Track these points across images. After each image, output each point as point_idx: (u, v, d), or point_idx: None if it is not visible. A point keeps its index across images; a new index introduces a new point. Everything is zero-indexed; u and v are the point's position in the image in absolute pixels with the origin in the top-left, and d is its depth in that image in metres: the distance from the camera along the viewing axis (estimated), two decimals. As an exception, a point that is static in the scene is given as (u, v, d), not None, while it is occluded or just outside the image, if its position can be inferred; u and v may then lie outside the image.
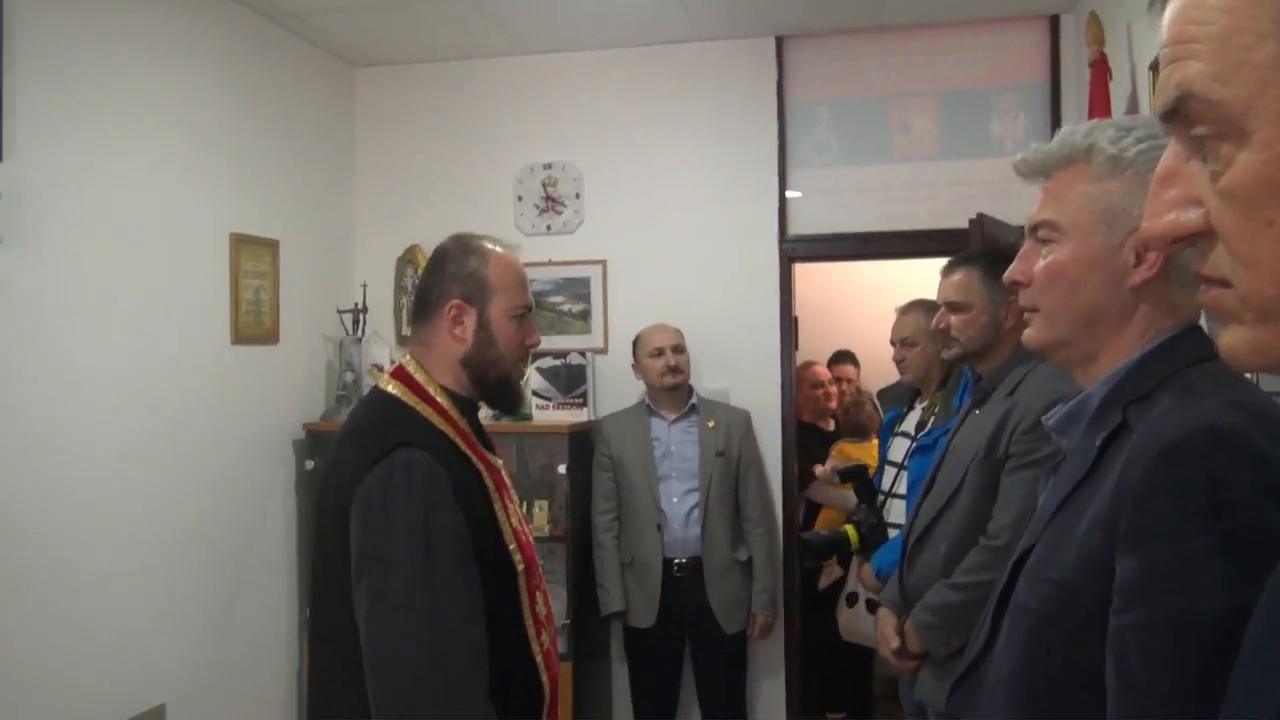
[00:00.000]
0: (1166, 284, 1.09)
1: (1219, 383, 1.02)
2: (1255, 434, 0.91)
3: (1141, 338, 1.10)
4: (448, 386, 1.72)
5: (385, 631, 1.54)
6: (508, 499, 1.74)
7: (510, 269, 1.77)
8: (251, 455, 3.61)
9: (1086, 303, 1.12)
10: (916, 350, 3.10)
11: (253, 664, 3.59)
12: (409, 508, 1.54)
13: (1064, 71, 3.81)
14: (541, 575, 1.80)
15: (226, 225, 3.48)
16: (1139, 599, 0.92)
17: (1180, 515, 0.90)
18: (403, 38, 4.01)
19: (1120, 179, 1.09)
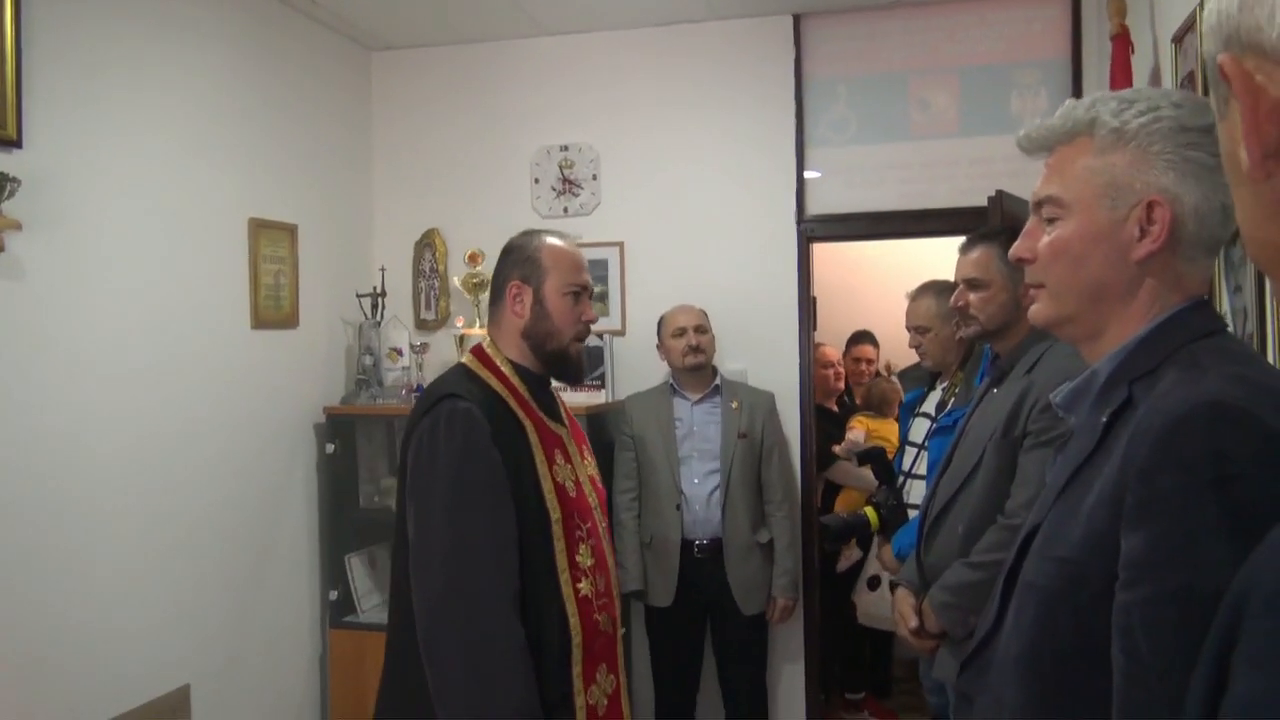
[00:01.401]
0: (1172, 257, 1.07)
1: (1225, 357, 1.00)
2: (1260, 408, 0.90)
3: (1148, 312, 1.08)
4: (514, 359, 2.00)
5: (425, 542, 1.81)
6: (560, 457, 1.97)
7: (563, 253, 2.02)
8: (272, 439, 3.64)
9: (1092, 277, 1.11)
10: (931, 335, 3.08)
11: (276, 646, 3.63)
12: (449, 446, 1.81)
13: (1085, 46, 3.75)
14: (596, 531, 2.00)
15: (245, 210, 3.50)
16: (1144, 574, 0.91)
17: (1185, 490, 0.90)
18: (418, 21, 4.01)
19: (1123, 152, 1.08)
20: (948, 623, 2.24)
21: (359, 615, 3.87)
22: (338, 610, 3.85)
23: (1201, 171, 1.04)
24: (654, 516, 3.63)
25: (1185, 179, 1.05)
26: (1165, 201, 1.05)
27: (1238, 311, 2.22)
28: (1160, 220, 1.06)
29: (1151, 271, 1.08)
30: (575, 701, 1.88)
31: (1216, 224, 1.06)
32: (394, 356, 4.03)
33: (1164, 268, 1.08)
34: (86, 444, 2.82)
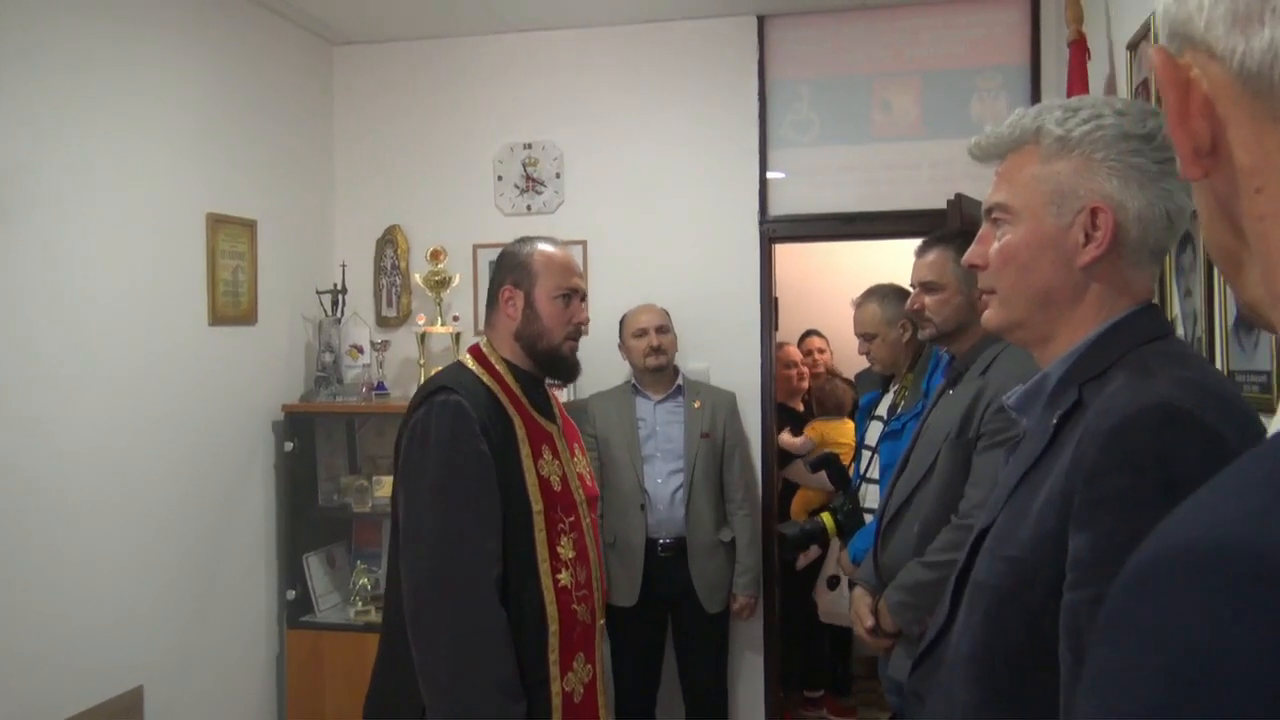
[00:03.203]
0: (1117, 262, 1.10)
1: (1172, 361, 1.03)
2: (1205, 411, 0.92)
3: (1096, 317, 1.11)
4: (508, 358, 2.12)
5: (413, 525, 1.92)
6: (549, 453, 2.07)
7: (553, 259, 2.13)
8: (230, 437, 3.59)
9: (1039, 283, 1.13)
10: (878, 341, 3.10)
11: (232, 646, 3.59)
12: (439, 435, 1.92)
13: (1044, 51, 3.80)
14: (580, 525, 2.09)
15: (203, 205, 3.46)
16: (1091, 574, 0.93)
17: (1131, 491, 0.91)
18: (381, 15, 3.98)
19: (1068, 159, 1.10)
20: (903, 621, 2.26)
21: (316, 615, 3.83)
22: (295, 610, 3.81)
23: (1144, 179, 1.07)
24: (618, 516, 3.63)
25: (1128, 186, 1.07)
26: (1108, 208, 1.07)
27: (1188, 315, 2.26)
28: (1104, 226, 1.08)
29: (1097, 277, 1.10)
30: (551, 688, 1.97)
31: (1160, 230, 1.08)
32: (354, 354, 4.00)
33: (1110, 273, 1.10)
34: (39, 442, 2.77)
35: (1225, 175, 0.52)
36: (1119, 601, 0.40)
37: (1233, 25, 0.49)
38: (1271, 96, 0.48)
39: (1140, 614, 0.39)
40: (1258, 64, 0.48)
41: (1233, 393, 1.03)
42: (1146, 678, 0.37)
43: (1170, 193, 1.07)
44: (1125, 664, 0.39)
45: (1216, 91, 0.51)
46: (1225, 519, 0.38)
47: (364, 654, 3.66)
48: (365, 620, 3.78)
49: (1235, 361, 1.95)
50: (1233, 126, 0.51)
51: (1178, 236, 1.12)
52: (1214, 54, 0.50)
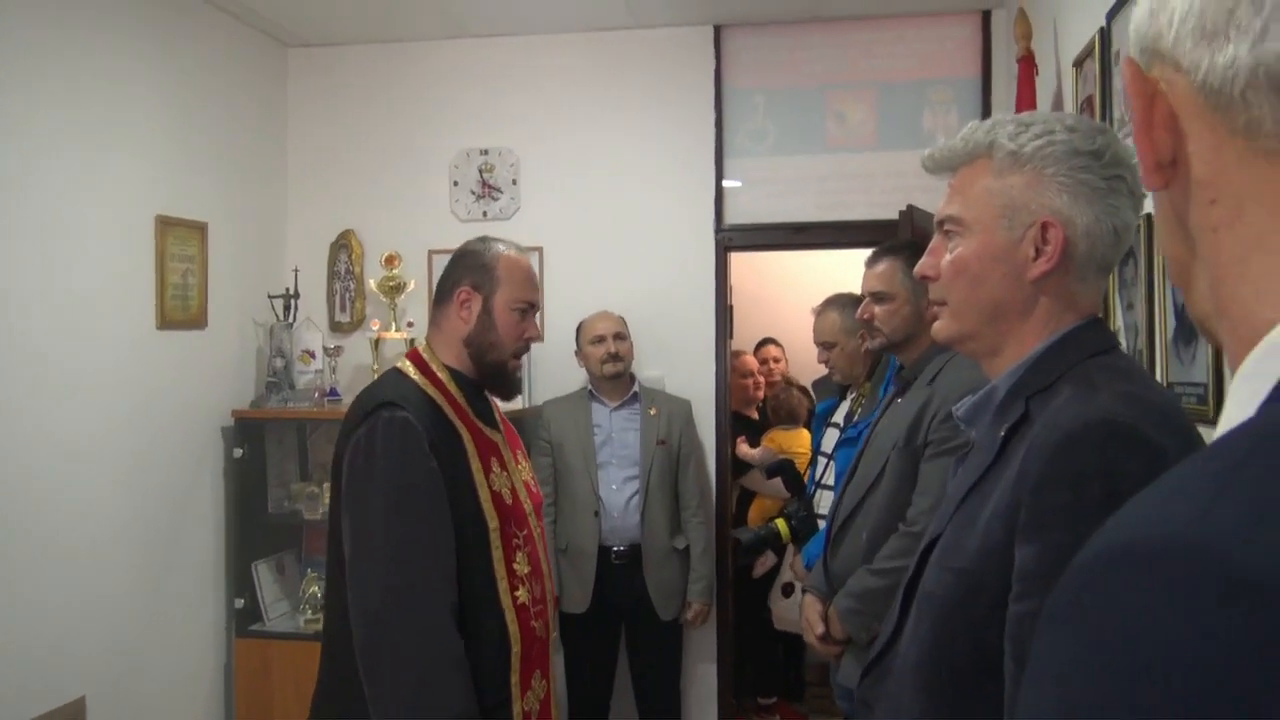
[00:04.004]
0: (1065, 277, 1.11)
1: (1116, 375, 1.04)
2: (1146, 425, 0.94)
3: (1044, 330, 1.12)
4: (450, 364, 1.99)
5: (362, 554, 1.80)
6: (496, 465, 1.97)
7: (518, 267, 2.02)
8: (178, 443, 3.54)
9: (990, 296, 1.14)
10: (837, 350, 3.13)
11: (178, 655, 3.53)
12: (386, 456, 1.80)
13: (995, 66, 3.86)
14: (531, 537, 2.01)
15: (152, 207, 3.40)
16: (1035, 586, 0.94)
17: (1076, 504, 0.93)
18: (337, 18, 3.95)
19: (1020, 174, 1.11)
20: (852, 628, 2.28)
21: (265, 624, 3.78)
22: (244, 619, 3.76)
23: (1093, 194, 1.08)
24: (571, 523, 3.63)
25: (1077, 201, 1.08)
26: (1058, 223, 1.09)
27: (1130, 328, 2.31)
28: (1054, 241, 1.09)
29: (1046, 290, 1.12)
30: (513, 709, 1.89)
31: (1108, 245, 1.10)
32: (306, 359, 3.96)
33: (1058, 287, 1.11)
34: (-24, 447, 2.71)
35: (1183, 186, 0.54)
36: (1062, 597, 0.41)
37: (1199, 41, 0.51)
38: (1231, 111, 0.50)
39: (1082, 608, 0.40)
40: (1220, 79, 0.50)
41: (1173, 406, 1.05)
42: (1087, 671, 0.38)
43: (1117, 209, 1.09)
44: (1066, 657, 0.39)
45: (1180, 105, 0.53)
46: (1168, 516, 0.39)
47: (314, 663, 3.58)
48: (315, 629, 3.73)
49: (1174, 373, 2.00)
50: (1193, 139, 0.53)
51: (1124, 252, 1.14)
52: (1180, 68, 0.52)
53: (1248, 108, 0.49)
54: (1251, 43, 0.48)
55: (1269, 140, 0.49)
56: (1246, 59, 0.49)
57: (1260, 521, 0.36)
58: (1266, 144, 0.49)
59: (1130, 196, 1.10)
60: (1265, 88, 0.48)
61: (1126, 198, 1.10)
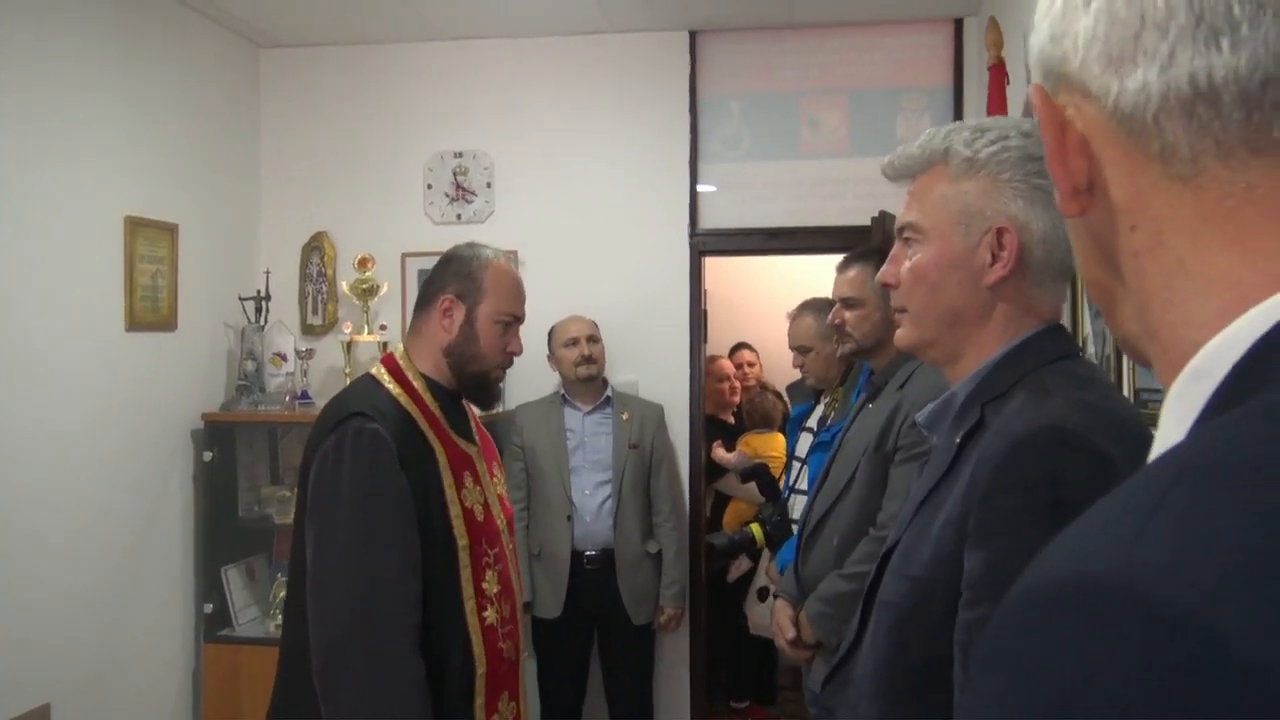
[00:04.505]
0: (1022, 283, 1.11)
1: (1071, 382, 1.04)
2: (1096, 433, 0.94)
3: (1003, 336, 1.12)
4: (428, 373, 1.92)
5: (324, 572, 1.75)
6: (470, 479, 1.91)
7: (506, 278, 1.95)
8: (147, 446, 3.50)
9: (948, 303, 1.14)
10: (813, 355, 3.13)
11: (146, 661, 3.49)
12: (355, 471, 1.73)
13: (967, 74, 3.90)
14: (503, 555, 1.95)
15: (121, 208, 3.37)
16: (982, 594, 0.94)
17: (1022, 512, 0.93)
18: (311, 19, 3.93)
19: (975, 180, 1.11)
20: (822, 633, 2.29)
21: (235, 629, 3.75)
22: (213, 624, 3.72)
23: (1049, 199, 1.07)
24: (543, 528, 3.62)
25: (1033, 206, 1.08)
26: (1013, 228, 1.09)
27: (1098, 334, 2.33)
28: (1009, 247, 1.09)
29: (1003, 297, 1.11)
30: None
31: (1065, 251, 1.09)
32: (278, 362, 3.93)
33: (1015, 293, 1.11)
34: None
35: (1102, 212, 0.53)
36: (993, 635, 0.41)
37: (1107, 66, 0.50)
38: (1145, 136, 0.49)
39: (1009, 648, 0.39)
40: (1131, 105, 0.49)
41: (1129, 415, 1.05)
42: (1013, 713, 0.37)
43: None
44: (994, 697, 0.39)
45: (1092, 130, 0.52)
46: (1094, 552, 0.39)
47: (283, 668, 3.61)
48: (285, 634, 3.71)
49: (1140, 379, 2.02)
50: (1108, 165, 0.52)
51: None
52: (1089, 94, 0.51)
53: (1161, 133, 0.49)
54: (1160, 67, 0.48)
55: (1184, 165, 0.48)
56: (1157, 84, 0.48)
57: (1184, 556, 0.36)
58: (1182, 169, 0.49)
59: None
60: (1177, 112, 0.48)
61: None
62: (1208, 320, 0.47)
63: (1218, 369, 0.45)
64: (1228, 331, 0.45)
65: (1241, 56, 0.46)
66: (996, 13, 3.31)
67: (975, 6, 3.79)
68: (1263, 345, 0.44)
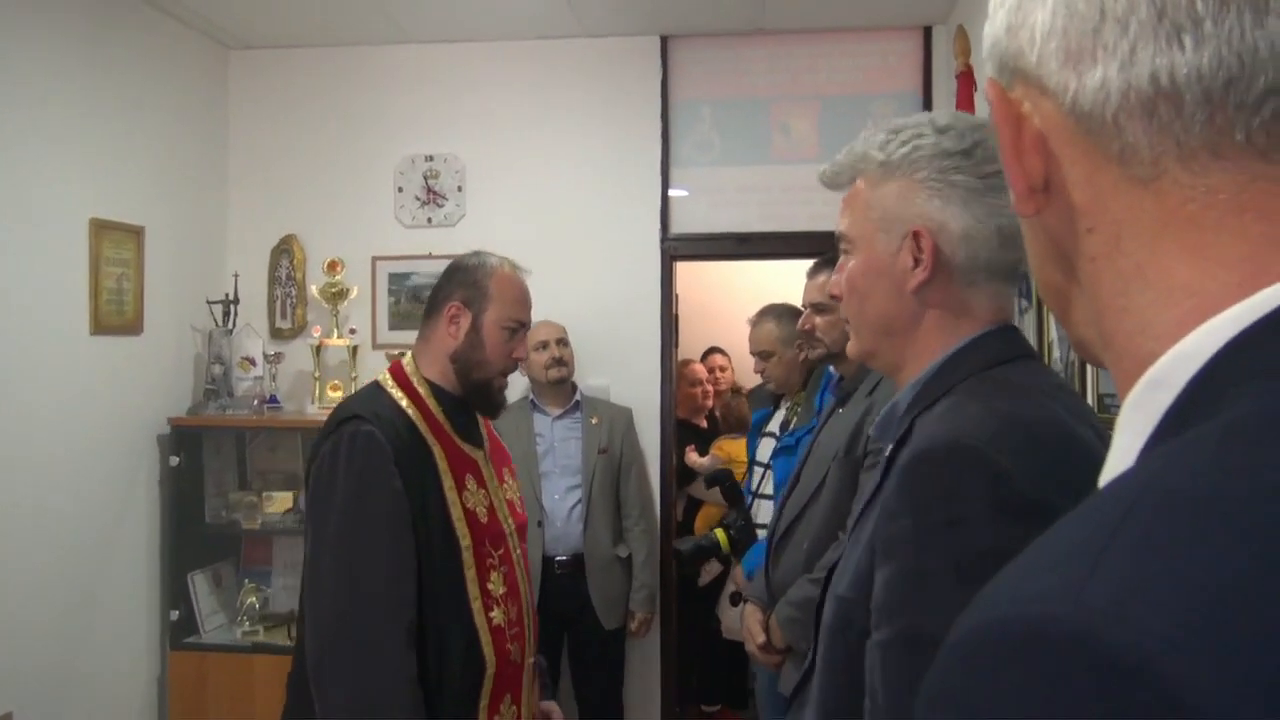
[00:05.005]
0: (949, 285, 1.05)
1: (999, 389, 0.99)
2: (995, 448, 0.89)
3: (941, 343, 1.07)
4: (434, 380, 1.95)
5: (317, 571, 1.80)
6: (473, 482, 1.93)
7: (511, 285, 1.98)
8: (112, 451, 3.46)
9: (878, 311, 1.10)
10: (774, 360, 3.15)
11: (110, 668, 3.44)
12: (348, 472, 1.77)
13: (936, 81, 3.93)
14: (509, 558, 1.97)
15: (86, 210, 3.33)
16: (882, 616, 0.92)
17: (917, 532, 0.90)
18: (281, 20, 3.90)
19: (891, 183, 1.07)
20: (792, 637, 2.30)
21: (201, 636, 3.71)
22: (179, 630, 3.68)
23: (968, 195, 1.02)
24: (513, 532, 3.61)
25: (950, 205, 1.03)
26: (927, 230, 1.04)
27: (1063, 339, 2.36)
28: (926, 249, 1.04)
29: (931, 302, 1.06)
30: None
31: (993, 247, 1.03)
32: (246, 366, 3.90)
33: (944, 297, 1.06)
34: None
35: (1058, 213, 0.51)
36: (940, 673, 0.39)
37: (1064, 62, 0.48)
38: (1104, 136, 0.47)
39: (958, 690, 0.38)
40: (1090, 102, 0.47)
41: (1049, 425, 0.95)
42: None
43: (1001, 208, 1.01)
44: None
45: (1049, 128, 0.50)
46: (1042, 593, 0.37)
47: (250, 676, 3.57)
48: (253, 640, 3.67)
49: (1104, 385, 2.04)
50: (1066, 164, 0.50)
51: (1019, 252, 1.03)
52: (1046, 90, 0.49)
53: (1121, 134, 0.47)
54: (1121, 64, 0.46)
55: (1144, 168, 0.46)
56: (1117, 82, 0.46)
57: (1136, 601, 0.34)
58: (1142, 171, 0.47)
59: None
60: (1138, 112, 0.46)
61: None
62: (1166, 330, 0.45)
63: (1175, 380, 0.44)
64: (1186, 342, 0.44)
65: (1205, 55, 0.44)
66: (965, 21, 3.34)
67: (944, 15, 3.83)
68: (1221, 358, 0.42)
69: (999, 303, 1.07)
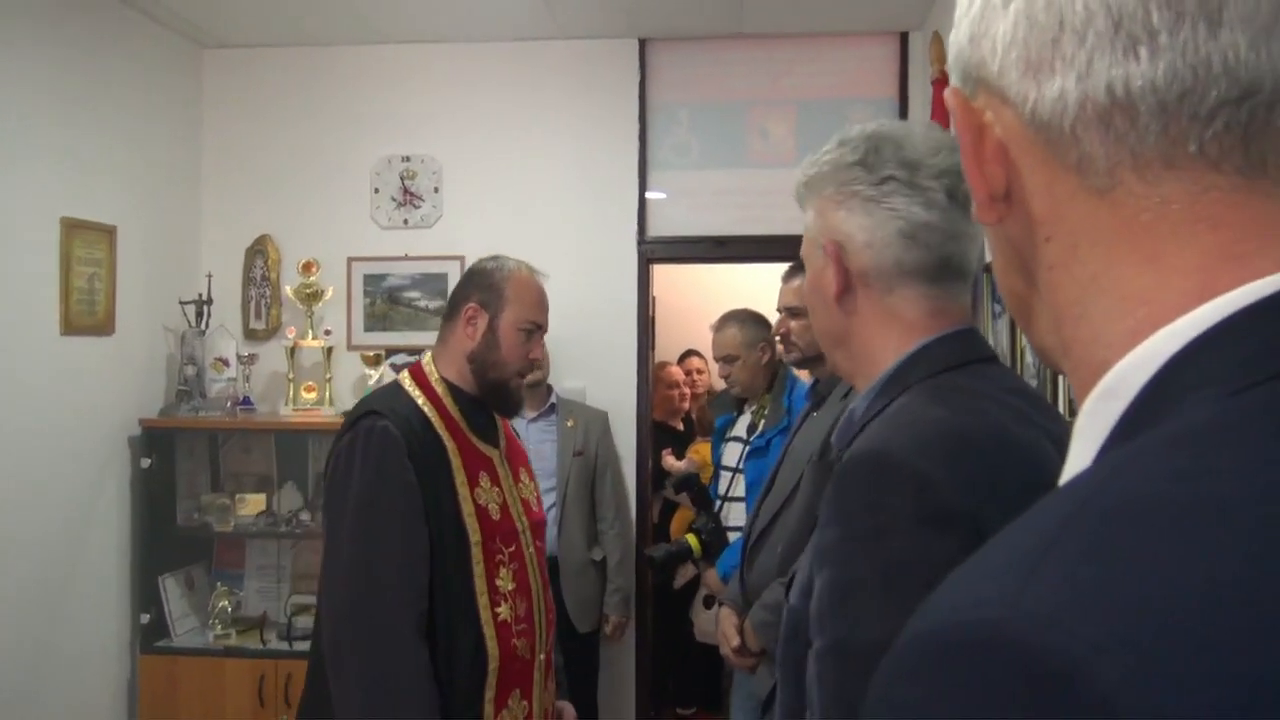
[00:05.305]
0: (870, 293, 1.06)
1: (939, 395, 0.99)
2: (920, 456, 0.90)
3: (893, 348, 1.06)
4: (450, 379, 2.01)
5: (332, 560, 1.87)
6: (487, 480, 1.98)
7: (528, 288, 2.04)
8: (82, 452, 3.42)
9: (820, 326, 1.14)
10: (739, 364, 3.17)
11: (79, 673, 3.40)
12: (364, 465, 1.84)
13: (912, 87, 3.95)
14: (520, 555, 2.01)
15: (57, 209, 3.29)
16: (816, 626, 0.92)
17: (842, 542, 0.91)
18: (256, 19, 3.87)
19: (812, 203, 1.10)
20: (766, 640, 2.29)
21: (172, 639, 3.67)
22: (149, 634, 3.64)
23: (866, 204, 1.04)
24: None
25: (853, 215, 1.04)
26: (836, 243, 1.06)
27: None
28: (834, 259, 1.06)
29: (857, 312, 1.07)
30: None
31: (899, 249, 1.03)
32: (219, 367, 3.87)
33: (868, 305, 1.06)
34: None
35: (1019, 221, 0.52)
36: (881, 680, 0.39)
37: (1025, 72, 0.48)
38: (1062, 146, 0.48)
39: (898, 697, 0.38)
40: (1049, 113, 0.48)
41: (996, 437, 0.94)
42: None
43: (897, 210, 1.03)
44: None
45: (1010, 137, 0.50)
46: (981, 599, 0.37)
47: (222, 680, 3.54)
48: (225, 644, 3.64)
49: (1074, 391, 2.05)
50: (1026, 173, 0.50)
51: (936, 249, 1.04)
52: (1007, 100, 0.50)
53: (1078, 144, 0.47)
54: (1078, 76, 0.46)
55: (1100, 178, 0.47)
56: (1074, 93, 0.47)
57: (1069, 603, 0.34)
58: (1098, 181, 0.47)
59: (914, 190, 1.02)
60: (1094, 123, 0.46)
61: (909, 194, 1.02)
62: (1119, 339, 0.46)
63: (1126, 390, 0.44)
64: (1138, 352, 0.44)
65: (1159, 67, 0.44)
66: (940, 27, 3.36)
67: (920, 21, 3.85)
68: (1170, 368, 0.43)
69: (934, 305, 1.05)
